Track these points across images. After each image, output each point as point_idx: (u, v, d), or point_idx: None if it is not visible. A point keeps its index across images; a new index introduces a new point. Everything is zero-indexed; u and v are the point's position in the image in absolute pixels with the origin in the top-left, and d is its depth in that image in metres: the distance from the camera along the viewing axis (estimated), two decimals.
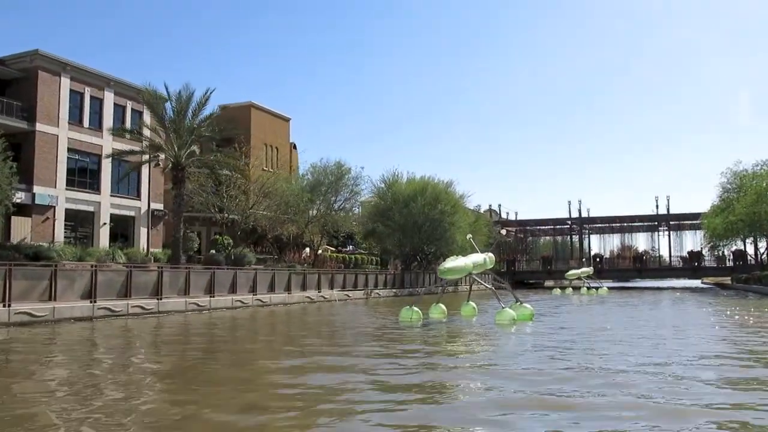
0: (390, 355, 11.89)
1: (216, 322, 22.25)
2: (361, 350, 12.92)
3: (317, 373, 10.04)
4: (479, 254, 21.25)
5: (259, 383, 9.53)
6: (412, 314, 19.85)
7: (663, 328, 17.17)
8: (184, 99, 32.09)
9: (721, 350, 12.56)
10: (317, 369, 10.47)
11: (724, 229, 52.99)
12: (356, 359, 11.39)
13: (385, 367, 10.30)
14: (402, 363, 10.63)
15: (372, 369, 10.06)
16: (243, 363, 11.80)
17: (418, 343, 14.10)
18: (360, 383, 8.82)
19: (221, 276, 28.87)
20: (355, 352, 12.61)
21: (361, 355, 12.12)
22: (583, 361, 10.66)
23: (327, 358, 11.71)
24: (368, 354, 12.23)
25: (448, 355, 12.18)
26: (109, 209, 42.20)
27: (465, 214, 55.80)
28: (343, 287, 39.15)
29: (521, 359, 11.25)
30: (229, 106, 55.47)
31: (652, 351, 11.94)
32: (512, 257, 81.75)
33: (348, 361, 11.36)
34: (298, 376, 9.77)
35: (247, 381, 9.59)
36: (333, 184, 44.34)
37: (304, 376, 9.70)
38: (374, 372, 9.75)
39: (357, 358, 11.50)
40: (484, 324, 19.34)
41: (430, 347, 13.32)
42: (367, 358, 11.44)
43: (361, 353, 12.36)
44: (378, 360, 11.24)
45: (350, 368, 10.31)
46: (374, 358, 11.59)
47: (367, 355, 12.00)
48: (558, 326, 17.83)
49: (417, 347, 13.34)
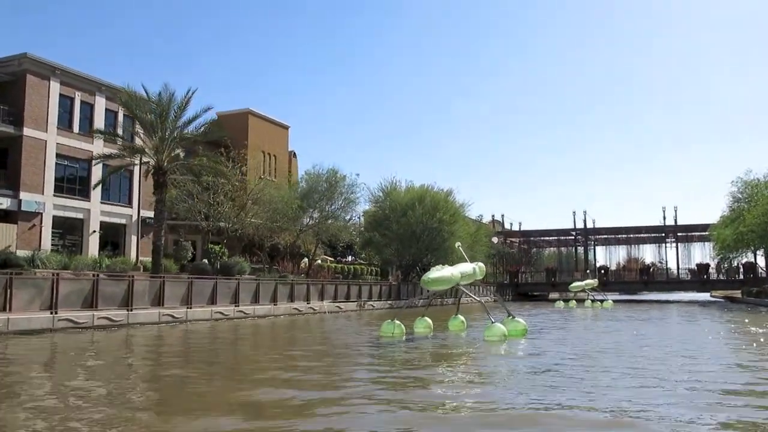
0: (343, 386, 9.94)
1: (186, 336, 20.67)
2: (312, 379, 10.73)
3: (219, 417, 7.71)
4: (468, 264, 19.62)
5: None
6: (394, 329, 18.21)
7: (672, 354, 15.29)
8: (165, 100, 30.75)
9: (740, 382, 10.80)
10: (227, 408, 8.34)
11: (734, 240, 51.07)
12: (297, 392, 9.24)
13: (334, 405, 8.28)
14: (354, 401, 8.70)
15: (308, 409, 8.11)
16: (161, 397, 9.87)
17: (386, 366, 12.36)
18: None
19: (200, 286, 27.31)
20: (302, 381, 10.44)
21: (305, 386, 9.84)
22: (569, 398, 8.88)
23: (256, 392, 9.33)
24: (317, 384, 10.17)
25: (420, 384, 10.26)
26: (98, 217, 41.15)
27: (465, 223, 54.14)
28: (334, 298, 37.51)
29: (503, 393, 9.52)
30: (226, 113, 54.85)
31: (657, 384, 10.04)
32: (515, 269, 79.92)
33: (282, 393, 9.21)
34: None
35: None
36: (326, 192, 42.75)
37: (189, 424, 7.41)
38: (308, 413, 7.86)
39: (299, 391, 9.30)
40: (472, 341, 17.67)
41: (402, 372, 11.55)
42: (312, 391, 9.45)
43: (309, 383, 10.25)
44: (324, 394, 9.19)
45: (276, 406, 8.38)
46: (321, 389, 9.62)
47: (316, 385, 10.04)
48: (551, 346, 16.06)
49: (383, 373, 11.58)
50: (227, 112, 54.35)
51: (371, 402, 8.27)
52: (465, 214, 57.08)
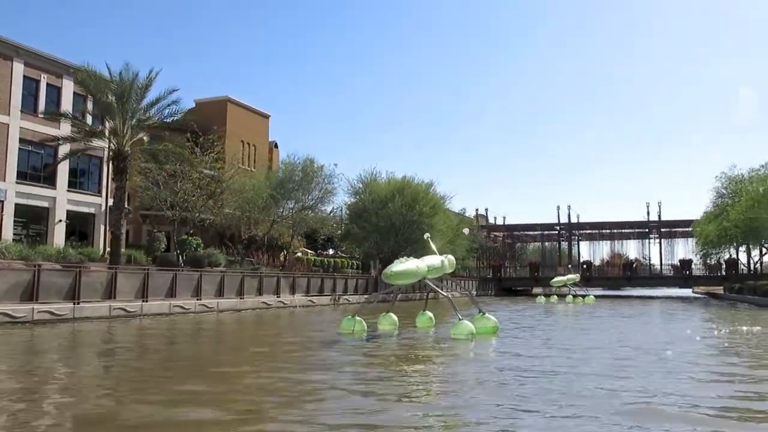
0: (262, 404, 8.04)
1: (126, 332, 19.11)
2: (218, 394, 8.77)
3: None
4: (436, 256, 18.25)
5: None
6: (354, 325, 16.80)
7: (652, 354, 14.04)
8: (127, 80, 29.08)
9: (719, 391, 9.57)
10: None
11: (717, 236, 50.30)
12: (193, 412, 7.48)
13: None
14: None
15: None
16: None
17: (333, 372, 10.88)
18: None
19: (157, 278, 25.74)
20: (207, 396, 8.52)
21: (213, 401, 8.12)
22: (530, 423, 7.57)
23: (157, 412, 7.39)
24: (224, 400, 8.19)
25: (367, 393, 8.80)
26: (65, 205, 39.26)
27: (446, 216, 52.83)
28: (307, 292, 36.07)
29: (466, 411, 8.11)
30: (204, 100, 53.05)
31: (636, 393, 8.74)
32: (499, 263, 78.97)
33: (168, 414, 7.31)
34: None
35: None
36: (301, 182, 41.14)
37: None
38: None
39: (193, 410, 7.56)
40: (438, 339, 16.32)
41: (349, 378, 10.12)
42: (209, 410, 7.52)
43: (218, 397, 8.46)
44: (220, 416, 7.22)
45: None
46: (222, 408, 7.66)
47: (221, 401, 8.06)
48: (522, 347, 14.72)
49: (326, 381, 10.11)
50: (205, 99, 52.60)
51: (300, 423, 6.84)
52: (446, 206, 55.81)
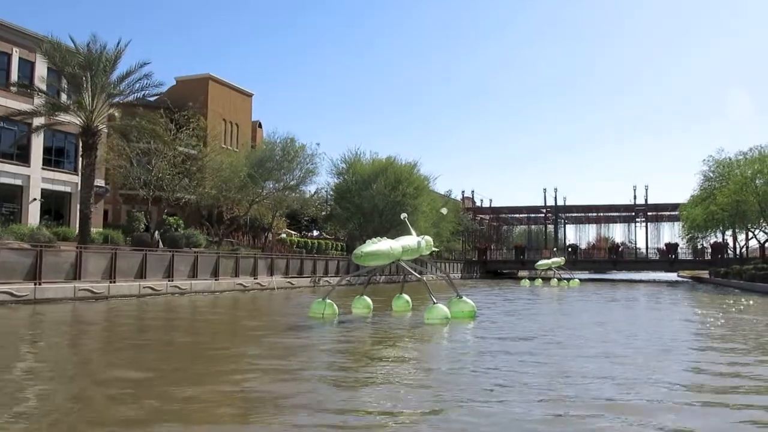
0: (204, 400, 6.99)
1: (86, 314, 18.22)
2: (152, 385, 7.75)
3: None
4: (413, 237, 17.43)
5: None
6: (325, 308, 16.00)
7: (637, 339, 13.37)
8: (96, 53, 27.80)
9: (697, 378, 8.88)
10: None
11: (704, 219, 49.92)
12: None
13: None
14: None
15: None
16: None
17: (293, 360, 10.07)
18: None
19: (127, 258, 24.75)
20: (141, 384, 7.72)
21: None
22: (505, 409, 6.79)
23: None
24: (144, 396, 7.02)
25: (330, 383, 8.05)
26: (40, 184, 38.00)
27: (431, 197, 52.03)
28: (286, 274, 35.20)
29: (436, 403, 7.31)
30: (185, 78, 51.69)
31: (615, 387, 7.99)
32: (484, 246, 78.46)
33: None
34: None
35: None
36: (281, 161, 40.04)
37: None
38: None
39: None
40: (413, 324, 15.55)
41: (300, 365, 9.33)
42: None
43: (150, 387, 7.53)
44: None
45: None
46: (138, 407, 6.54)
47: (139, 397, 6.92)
48: (499, 332, 14.00)
49: (286, 369, 9.30)
50: (186, 77, 51.38)
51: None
52: (431, 187, 55.08)
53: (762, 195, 43.66)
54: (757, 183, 44.25)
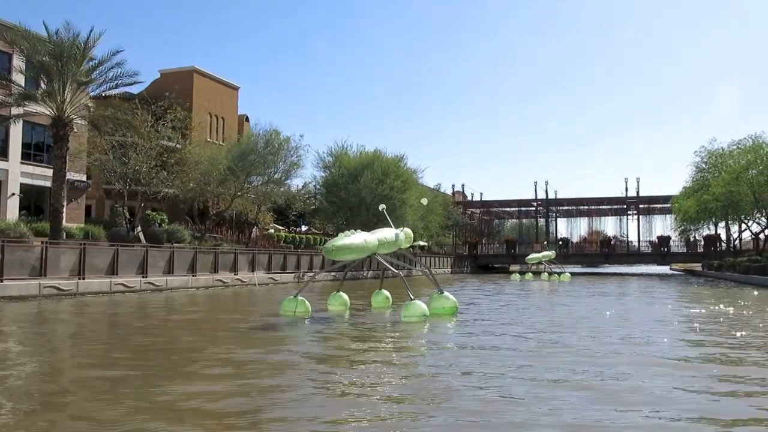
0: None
1: (43, 313, 17.16)
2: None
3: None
4: (390, 230, 16.46)
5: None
6: (296, 306, 15.03)
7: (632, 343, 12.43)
8: (68, 41, 26.65)
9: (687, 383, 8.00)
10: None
11: (697, 211, 49.18)
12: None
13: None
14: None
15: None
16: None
17: (245, 369, 9.07)
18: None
19: (97, 254, 23.69)
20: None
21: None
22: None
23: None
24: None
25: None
26: (18, 178, 36.89)
27: (419, 190, 51.06)
28: (268, 269, 34.18)
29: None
30: (169, 70, 50.59)
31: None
32: (475, 240, 77.58)
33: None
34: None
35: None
36: (264, 154, 38.92)
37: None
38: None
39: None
40: (390, 323, 14.58)
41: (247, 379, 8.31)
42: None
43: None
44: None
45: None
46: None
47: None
48: (482, 330, 13.07)
49: (236, 382, 8.31)
50: (170, 70, 50.44)
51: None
52: (420, 181, 54.16)
53: (756, 185, 42.93)
54: (751, 173, 43.49)
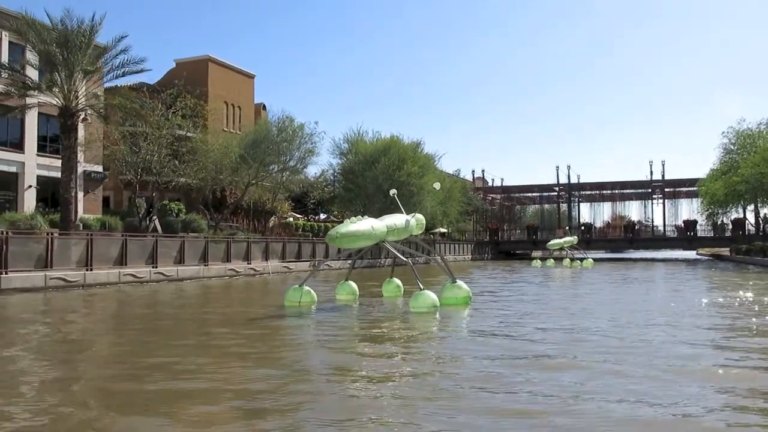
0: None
1: (32, 306, 16.74)
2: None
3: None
4: (401, 216, 15.67)
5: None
6: (302, 296, 14.36)
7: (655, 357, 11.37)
8: (72, 29, 26.16)
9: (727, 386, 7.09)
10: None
11: (725, 194, 47.46)
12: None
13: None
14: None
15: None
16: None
17: (233, 371, 8.38)
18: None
19: (105, 244, 23.28)
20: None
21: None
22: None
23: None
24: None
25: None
26: (35, 170, 36.94)
27: (436, 176, 50.11)
28: (282, 258, 33.65)
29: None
30: (184, 60, 50.27)
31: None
32: (496, 226, 76.34)
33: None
34: None
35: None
36: (278, 141, 38.27)
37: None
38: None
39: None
40: (399, 314, 13.79)
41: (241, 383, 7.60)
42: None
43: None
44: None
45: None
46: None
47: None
48: (496, 323, 12.17)
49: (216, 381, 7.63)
50: (185, 59, 50.19)
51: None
52: (438, 167, 53.19)
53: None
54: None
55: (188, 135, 34.06)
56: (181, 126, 32.81)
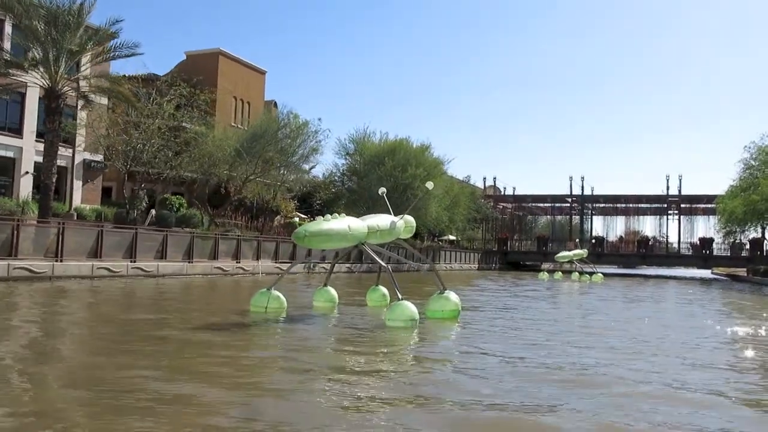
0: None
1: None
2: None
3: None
4: (386, 216, 14.12)
5: None
6: (269, 301, 12.81)
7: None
8: (64, 7, 24.97)
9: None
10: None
11: (744, 212, 45.26)
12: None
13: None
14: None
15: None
16: None
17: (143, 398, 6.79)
18: None
19: (75, 236, 21.90)
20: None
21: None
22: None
23: None
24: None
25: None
26: (33, 156, 35.92)
27: (443, 181, 48.51)
28: (275, 258, 32.18)
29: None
30: (195, 52, 49.28)
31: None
32: (505, 236, 74.37)
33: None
34: None
35: None
36: (276, 137, 36.86)
37: None
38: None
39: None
40: (377, 326, 12.18)
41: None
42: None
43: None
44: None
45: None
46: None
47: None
48: (485, 343, 10.57)
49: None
50: (196, 52, 49.29)
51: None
52: (446, 172, 51.61)
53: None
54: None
55: (183, 125, 32.71)
56: (175, 116, 31.48)
